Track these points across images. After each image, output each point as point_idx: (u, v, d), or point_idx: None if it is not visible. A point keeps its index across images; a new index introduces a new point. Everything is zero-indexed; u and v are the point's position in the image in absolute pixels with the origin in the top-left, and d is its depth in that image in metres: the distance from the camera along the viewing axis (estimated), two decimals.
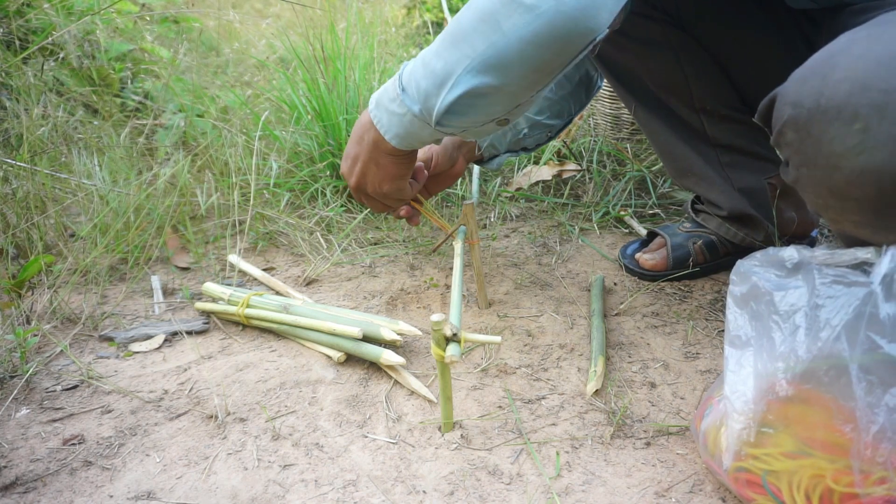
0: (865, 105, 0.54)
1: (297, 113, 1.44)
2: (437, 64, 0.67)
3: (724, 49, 0.96)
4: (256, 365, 0.90)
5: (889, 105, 0.53)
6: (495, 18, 0.62)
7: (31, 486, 0.70)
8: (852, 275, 0.58)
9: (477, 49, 0.64)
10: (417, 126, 0.73)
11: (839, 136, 0.56)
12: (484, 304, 1.03)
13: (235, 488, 0.69)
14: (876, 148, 0.54)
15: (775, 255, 0.63)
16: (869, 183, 0.55)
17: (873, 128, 0.53)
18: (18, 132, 1.31)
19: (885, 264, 0.56)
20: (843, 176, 0.57)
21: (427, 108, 0.70)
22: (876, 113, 0.53)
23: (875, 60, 0.55)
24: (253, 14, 2.65)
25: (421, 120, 0.72)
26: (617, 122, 1.57)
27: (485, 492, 0.68)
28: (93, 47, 1.69)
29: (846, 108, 0.55)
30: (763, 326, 0.61)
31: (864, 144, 0.54)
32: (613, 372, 0.87)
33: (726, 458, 0.62)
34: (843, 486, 0.55)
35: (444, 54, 0.67)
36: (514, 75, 0.65)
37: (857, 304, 0.56)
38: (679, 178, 1.09)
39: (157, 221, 1.22)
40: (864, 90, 0.54)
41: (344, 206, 1.34)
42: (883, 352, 0.54)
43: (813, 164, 0.59)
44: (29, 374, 0.87)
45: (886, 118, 0.53)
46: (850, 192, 0.58)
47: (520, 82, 0.66)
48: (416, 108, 0.71)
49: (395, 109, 0.74)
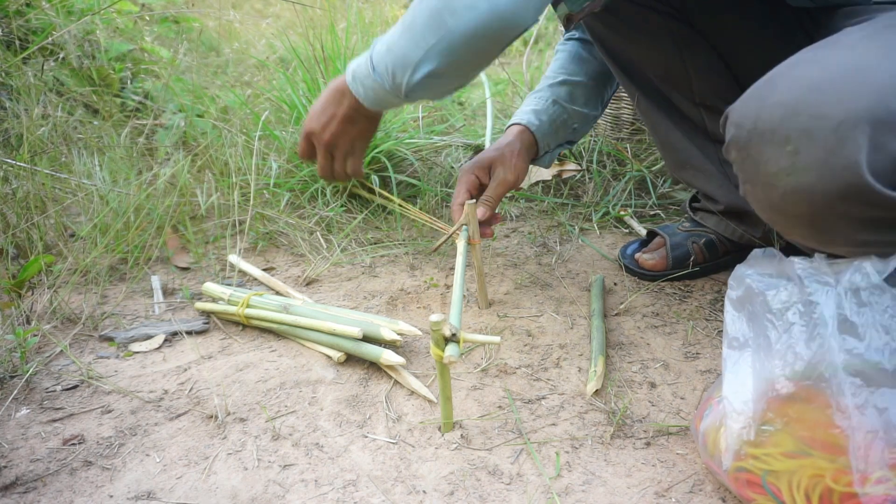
0: (795, 129, 0.57)
1: (297, 113, 1.44)
2: (398, 51, 0.78)
3: (728, 44, 0.96)
4: (256, 365, 0.90)
5: (816, 130, 0.56)
6: (442, 16, 0.73)
7: (31, 486, 0.70)
8: (830, 276, 0.59)
9: (429, 41, 0.75)
10: (389, 97, 0.84)
11: (773, 157, 0.59)
12: (484, 304, 1.03)
13: (235, 488, 0.69)
14: (805, 170, 0.57)
15: (766, 258, 0.65)
16: (801, 201, 0.59)
17: (802, 150, 0.57)
18: (18, 132, 1.31)
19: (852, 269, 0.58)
20: (779, 194, 0.61)
21: (395, 85, 0.81)
22: (805, 137, 0.56)
23: (808, 85, 0.58)
24: (253, 14, 2.65)
25: (391, 93, 0.83)
26: (617, 122, 1.57)
27: (485, 492, 0.68)
28: (93, 47, 1.69)
29: (779, 132, 0.58)
30: (759, 326, 0.62)
31: (794, 166, 0.58)
32: (613, 372, 0.87)
33: (726, 458, 0.62)
34: (842, 485, 0.56)
35: (402, 44, 0.78)
36: (462, 61, 0.77)
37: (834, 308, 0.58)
38: (677, 171, 1.09)
39: (157, 221, 1.22)
40: (794, 115, 0.57)
41: (344, 206, 1.34)
42: (862, 355, 0.55)
43: (753, 182, 0.63)
44: (29, 374, 0.87)
45: (814, 142, 0.56)
46: (787, 209, 0.61)
47: (466, 66, 0.79)
48: (386, 84, 0.82)
49: (368, 84, 0.84)
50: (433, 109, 1.69)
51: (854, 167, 0.54)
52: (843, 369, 0.55)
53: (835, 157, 0.55)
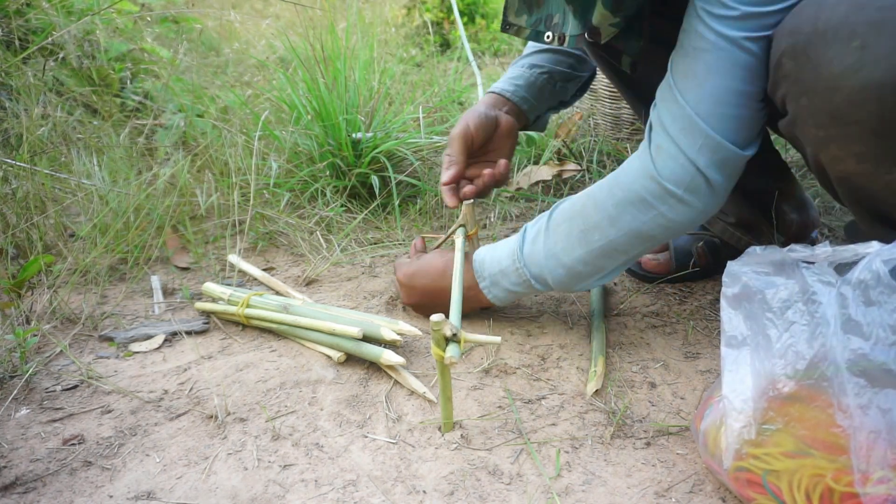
0: (863, 23, 0.55)
1: (297, 113, 1.44)
2: (583, 269, 0.84)
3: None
4: (256, 365, 0.90)
5: (885, 21, 0.53)
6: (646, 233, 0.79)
7: (31, 486, 0.70)
8: (831, 275, 0.59)
9: (620, 260, 0.83)
10: (532, 292, 0.91)
11: (838, 56, 0.56)
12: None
13: (235, 488, 0.69)
14: (875, 63, 0.54)
15: (762, 255, 0.64)
16: (870, 100, 0.56)
17: (871, 44, 0.54)
18: (18, 132, 1.31)
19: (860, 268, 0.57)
20: (844, 96, 0.57)
21: (559, 288, 0.87)
22: (873, 30, 0.54)
23: None
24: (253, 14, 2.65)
25: (540, 290, 0.89)
26: (617, 122, 1.57)
27: (485, 492, 0.68)
28: (93, 47, 1.69)
29: (843, 28, 0.56)
30: (757, 325, 0.62)
31: (862, 61, 0.55)
32: (613, 372, 0.87)
33: (726, 457, 0.62)
34: (843, 485, 0.55)
35: (593, 262, 0.83)
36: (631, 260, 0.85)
37: (837, 306, 0.57)
38: None
39: (157, 221, 1.22)
40: (860, 9, 0.55)
41: (344, 206, 1.34)
42: (867, 355, 0.55)
43: (813, 90, 0.60)
44: (29, 374, 0.87)
45: (883, 34, 0.53)
46: (851, 115, 0.58)
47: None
48: (544, 289, 0.88)
49: (517, 290, 0.89)
50: (433, 110, 1.69)
51: None
52: (846, 369, 0.55)
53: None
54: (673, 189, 0.76)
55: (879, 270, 0.56)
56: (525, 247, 0.87)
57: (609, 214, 0.80)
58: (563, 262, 0.84)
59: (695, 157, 0.74)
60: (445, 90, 1.88)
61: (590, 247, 0.82)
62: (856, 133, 0.59)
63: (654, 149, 0.77)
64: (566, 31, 0.82)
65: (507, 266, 0.88)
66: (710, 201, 0.77)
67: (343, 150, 1.35)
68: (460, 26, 1.55)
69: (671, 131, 0.75)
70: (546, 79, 1.04)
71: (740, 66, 0.69)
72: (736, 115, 0.72)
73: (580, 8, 0.78)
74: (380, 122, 1.44)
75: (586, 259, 0.83)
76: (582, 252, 0.83)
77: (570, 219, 0.83)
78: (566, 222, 0.84)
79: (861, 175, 0.63)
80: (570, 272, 0.84)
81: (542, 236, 0.86)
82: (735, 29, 0.67)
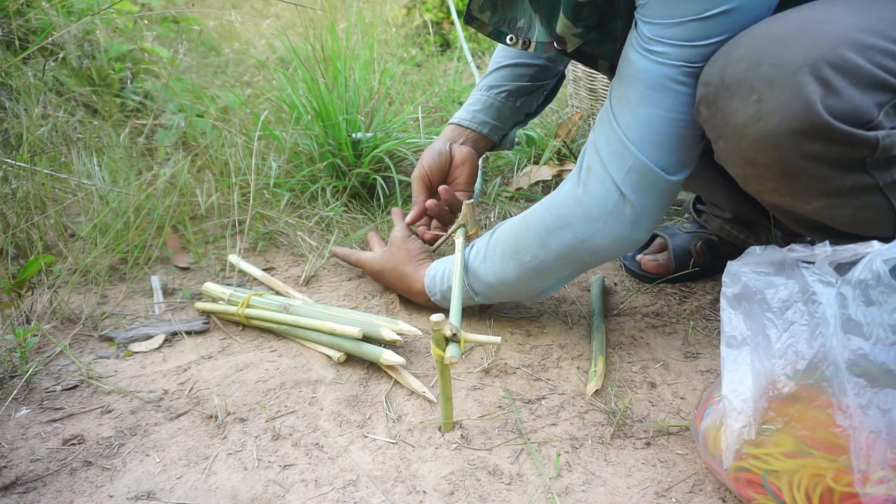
0: (759, 78, 0.60)
1: (297, 113, 1.44)
2: (519, 286, 0.89)
3: None
4: (256, 365, 0.90)
5: (778, 77, 0.59)
6: (574, 256, 0.83)
7: (31, 486, 0.70)
8: (831, 275, 0.59)
9: (552, 280, 0.88)
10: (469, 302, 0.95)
11: (740, 107, 0.62)
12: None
13: (235, 488, 0.69)
14: (770, 115, 0.60)
15: (761, 254, 0.65)
16: (770, 147, 0.61)
17: (766, 98, 0.60)
18: (18, 132, 1.31)
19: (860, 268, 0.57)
20: (749, 143, 0.63)
21: (497, 302, 0.95)
22: (767, 84, 0.60)
23: (770, 37, 0.61)
24: (253, 14, 2.65)
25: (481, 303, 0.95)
26: None
27: (485, 492, 0.68)
28: (93, 47, 1.69)
29: (744, 83, 0.61)
30: (757, 325, 0.62)
31: (760, 113, 0.61)
32: (613, 372, 0.87)
33: (726, 457, 0.62)
34: (843, 485, 0.55)
35: (528, 280, 0.88)
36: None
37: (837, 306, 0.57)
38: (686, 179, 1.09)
39: (157, 221, 1.22)
40: (757, 65, 0.61)
41: (344, 206, 1.34)
42: (867, 355, 0.55)
43: (724, 135, 0.65)
44: (29, 374, 0.87)
45: (776, 88, 0.59)
46: (758, 158, 0.63)
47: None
48: (486, 302, 0.95)
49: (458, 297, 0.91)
50: (433, 110, 1.69)
51: (812, 106, 0.57)
52: (846, 369, 0.55)
53: (795, 101, 0.58)
54: (597, 213, 0.78)
55: (879, 270, 0.56)
56: (469, 263, 0.91)
57: (539, 237, 0.83)
58: (501, 279, 0.88)
59: (621, 181, 0.76)
60: (445, 90, 1.88)
61: (522, 267, 0.86)
62: (766, 174, 0.65)
63: (584, 170, 0.79)
64: (532, 38, 0.84)
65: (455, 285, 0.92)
66: (634, 229, 0.78)
67: (343, 150, 1.35)
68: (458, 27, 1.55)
69: (602, 154, 0.77)
70: (505, 97, 1.06)
71: (670, 95, 0.72)
72: (666, 142, 0.74)
73: (546, 16, 0.80)
74: (380, 122, 1.44)
75: (520, 277, 0.87)
76: (516, 272, 0.87)
77: (506, 240, 0.87)
78: (503, 242, 0.88)
79: (786, 204, 0.68)
80: (506, 287, 0.89)
81: (481, 255, 0.90)
82: (664, 59, 0.70)
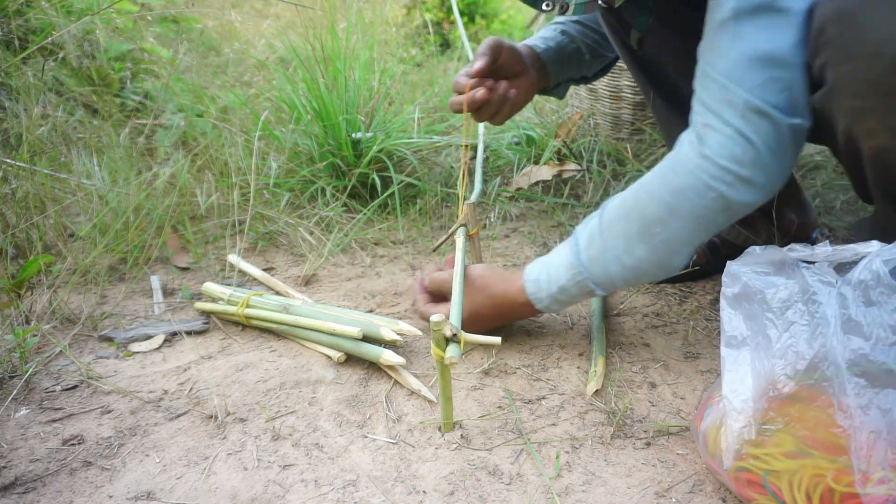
0: None
1: (297, 113, 1.44)
2: (647, 267, 0.79)
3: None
4: (256, 365, 0.90)
5: None
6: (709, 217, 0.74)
7: (31, 486, 0.70)
8: (831, 275, 0.59)
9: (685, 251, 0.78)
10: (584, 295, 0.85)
11: (885, 20, 0.55)
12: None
13: (235, 488, 0.69)
14: None
15: (761, 254, 0.64)
16: None
17: None
18: (18, 132, 1.31)
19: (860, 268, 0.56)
20: (887, 64, 0.56)
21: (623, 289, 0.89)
22: None
23: None
24: (253, 14, 2.65)
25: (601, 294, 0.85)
26: (617, 122, 1.57)
27: (485, 492, 0.68)
28: (93, 47, 1.69)
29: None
30: (757, 325, 0.62)
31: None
32: (613, 372, 0.87)
33: (726, 457, 0.62)
34: (843, 485, 0.55)
35: (657, 258, 0.78)
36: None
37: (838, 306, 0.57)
38: None
39: (157, 221, 1.22)
40: None
41: (344, 206, 1.34)
42: (867, 355, 0.55)
43: (854, 56, 0.58)
44: (28, 374, 0.87)
45: None
46: (893, 83, 0.57)
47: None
48: (606, 293, 0.84)
49: (576, 300, 0.86)
50: (433, 109, 1.69)
51: None
52: (846, 369, 0.55)
53: None
54: (728, 165, 0.70)
55: (879, 270, 0.56)
56: (582, 253, 0.81)
57: (667, 203, 0.74)
58: (627, 264, 0.78)
59: (741, 126, 0.68)
60: (445, 90, 1.88)
61: (652, 241, 0.76)
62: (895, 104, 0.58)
63: (700, 128, 0.73)
64: (570, 1, 0.78)
65: (567, 281, 0.83)
66: (772, 173, 0.70)
67: (343, 149, 1.35)
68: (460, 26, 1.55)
69: (713, 106, 0.71)
70: (575, 48, 1.04)
71: (764, 25, 0.66)
72: (769, 80, 0.67)
73: None
74: (380, 121, 1.44)
75: (650, 256, 0.77)
76: (645, 249, 0.77)
77: (626, 216, 0.78)
78: (621, 221, 0.78)
79: (894, 151, 0.62)
80: (635, 272, 0.79)
81: (596, 243, 0.80)
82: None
